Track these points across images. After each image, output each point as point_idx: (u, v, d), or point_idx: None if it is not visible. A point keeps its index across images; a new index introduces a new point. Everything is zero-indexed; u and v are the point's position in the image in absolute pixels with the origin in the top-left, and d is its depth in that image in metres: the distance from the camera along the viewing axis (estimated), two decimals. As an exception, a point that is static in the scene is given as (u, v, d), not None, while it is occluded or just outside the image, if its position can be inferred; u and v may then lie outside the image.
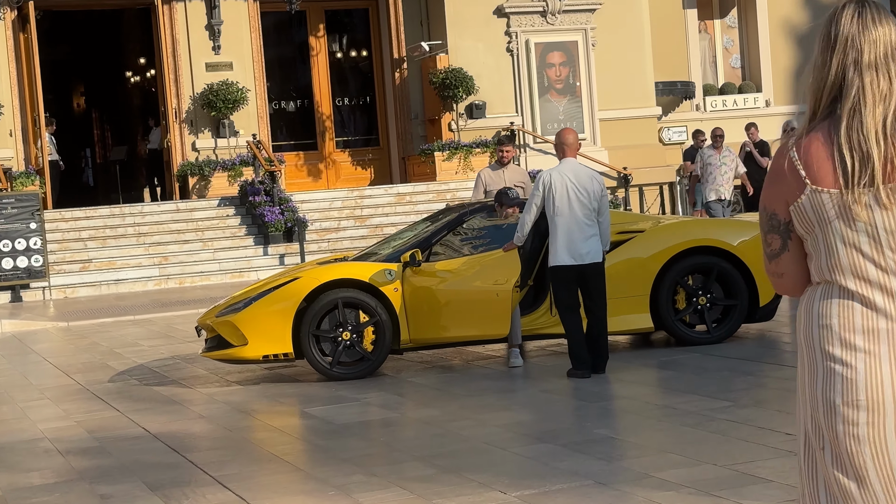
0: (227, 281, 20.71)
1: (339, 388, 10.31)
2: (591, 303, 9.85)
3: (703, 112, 28.72)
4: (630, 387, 9.38)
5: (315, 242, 22.28)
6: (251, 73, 25.06)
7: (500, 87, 25.71)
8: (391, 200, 24.06)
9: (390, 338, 10.68)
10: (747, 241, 11.03)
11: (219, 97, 24.16)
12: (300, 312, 10.66)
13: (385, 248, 11.69)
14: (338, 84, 27.10)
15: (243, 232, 22.58)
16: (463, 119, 25.53)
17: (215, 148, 24.65)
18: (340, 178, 26.60)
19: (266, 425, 9.07)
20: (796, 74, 29.39)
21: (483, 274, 10.63)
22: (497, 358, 11.40)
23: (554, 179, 9.78)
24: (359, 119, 27.64)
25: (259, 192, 22.69)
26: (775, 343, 10.99)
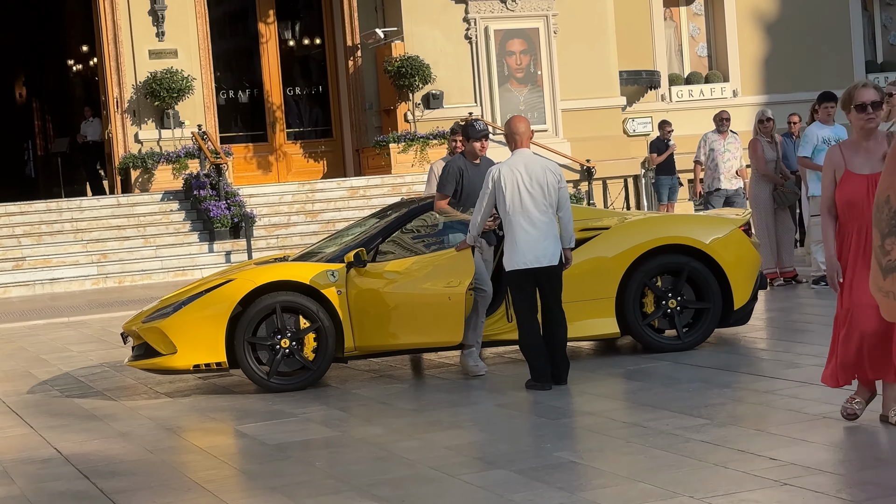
0: (169, 280, 19.87)
1: (277, 401, 9.51)
2: (548, 309, 9.10)
3: (669, 102, 28.08)
4: (594, 401, 8.63)
5: (263, 239, 21.47)
6: (197, 61, 24.20)
7: (459, 75, 24.97)
8: (344, 194, 23.28)
9: (333, 345, 9.90)
10: (721, 239, 10.31)
11: (163, 86, 23.31)
12: (234, 318, 9.86)
13: (329, 247, 10.90)
14: (289, 73, 26.26)
15: (188, 228, 21.74)
16: (419, 109, 24.78)
17: (159, 139, 23.79)
18: (292, 172, 25.77)
19: (192, 446, 8.26)
20: (765, 63, 28.77)
21: (434, 275, 9.86)
22: (449, 366, 10.63)
23: (503, 174, 9.01)
24: (311, 109, 26.82)
25: (204, 186, 21.85)
26: (751, 351, 10.27)
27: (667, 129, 22.74)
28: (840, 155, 6.76)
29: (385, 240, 10.29)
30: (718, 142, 15.84)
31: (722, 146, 15.71)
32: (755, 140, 14.05)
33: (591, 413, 8.16)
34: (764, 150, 13.89)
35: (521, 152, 9.13)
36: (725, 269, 10.21)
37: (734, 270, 10.25)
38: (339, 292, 9.89)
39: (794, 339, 10.62)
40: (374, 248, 10.20)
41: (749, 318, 10.59)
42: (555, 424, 7.89)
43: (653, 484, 6.15)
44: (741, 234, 10.44)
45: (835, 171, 6.75)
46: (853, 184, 6.59)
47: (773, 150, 13.98)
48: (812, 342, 10.23)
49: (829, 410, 7.46)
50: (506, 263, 9.03)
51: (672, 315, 10.18)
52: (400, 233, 10.60)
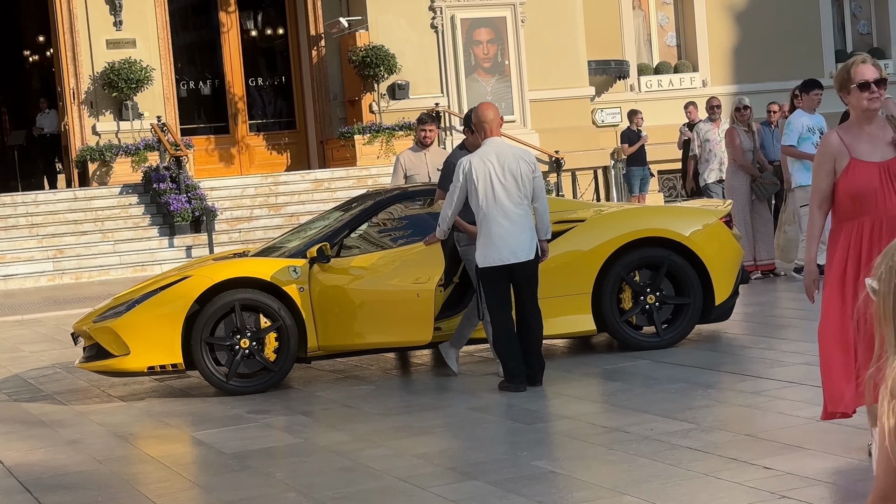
0: (128, 275, 19.30)
1: (237, 404, 9.02)
2: (523, 305, 8.64)
3: (638, 93, 27.65)
4: (571, 403, 8.17)
5: (225, 233, 20.93)
6: (156, 51, 23.61)
7: (425, 65, 24.47)
8: (308, 187, 22.76)
9: (296, 345, 9.42)
10: (701, 231, 9.88)
11: (121, 77, 22.69)
12: (191, 317, 9.37)
13: (291, 242, 10.41)
14: (251, 63, 25.68)
15: (147, 222, 21.16)
16: (385, 100, 24.27)
17: (118, 131, 23.18)
18: (254, 164, 25.21)
19: (144, 455, 7.75)
20: (734, 53, 28.42)
21: (402, 271, 9.39)
22: (419, 366, 10.16)
23: (474, 165, 8.54)
24: (274, 101, 26.26)
25: (164, 179, 21.27)
26: (733, 348, 9.85)
27: (637, 119, 22.33)
28: (840, 142, 5.95)
29: (349, 234, 9.83)
30: (713, 131, 15.26)
31: (717, 135, 15.14)
32: (732, 129, 13.62)
33: (569, 417, 7.70)
34: (741, 139, 13.46)
35: (491, 141, 8.67)
36: (706, 263, 9.79)
37: (715, 264, 9.83)
38: (301, 289, 9.42)
39: (776, 335, 10.20)
40: (339, 243, 9.73)
41: (731, 313, 10.18)
42: (531, 430, 7.44)
43: (639, 496, 5.71)
44: (722, 225, 10.02)
45: (835, 160, 5.90)
46: (863, 173, 5.89)
47: (750, 140, 13.56)
48: (795, 338, 9.82)
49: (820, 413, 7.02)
50: (479, 259, 8.56)
51: (651, 311, 9.76)
52: (366, 226, 10.14)
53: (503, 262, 8.45)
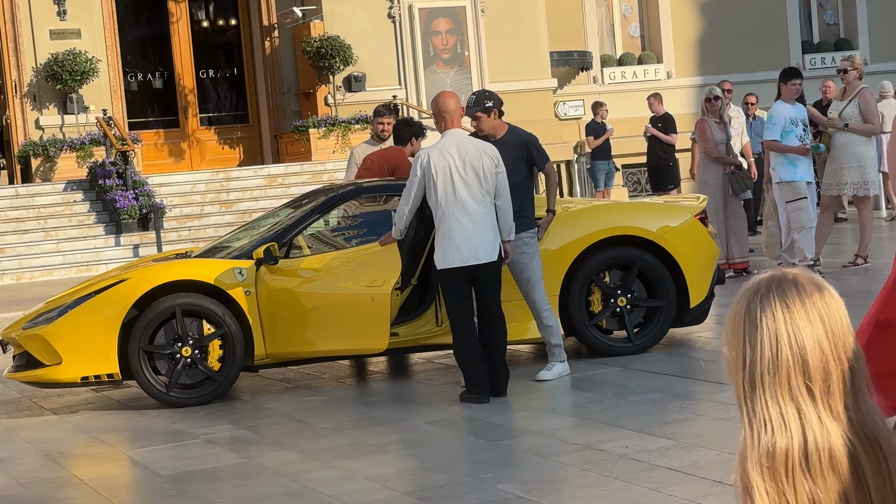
0: (72, 276, 18.58)
1: (178, 418, 8.43)
2: (485, 310, 8.09)
3: (601, 84, 27.13)
4: (539, 417, 7.62)
5: (174, 231, 20.26)
6: (102, 41, 22.88)
7: (382, 56, 23.87)
8: (261, 183, 22.11)
9: (241, 353, 8.83)
10: (675, 229, 9.37)
11: (65, 68, 21.95)
12: (128, 323, 8.77)
13: (238, 241, 9.82)
14: (202, 55, 24.96)
15: (92, 220, 20.46)
16: (340, 92, 23.67)
17: (62, 125, 22.46)
18: (206, 159, 24.52)
19: (72, 478, 7.14)
20: (699, 44, 27.99)
21: (356, 273, 8.81)
22: (375, 374, 9.59)
23: (433, 159, 7.97)
24: (226, 93, 25.58)
25: (110, 175, 20.56)
26: (709, 354, 9.30)
27: (602, 111, 21.82)
28: None
29: (299, 233, 9.24)
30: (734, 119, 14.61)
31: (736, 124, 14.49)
32: (703, 120, 13.08)
33: (537, 433, 7.15)
34: (713, 131, 12.93)
35: (452, 133, 8.11)
36: (680, 263, 9.27)
37: (690, 264, 9.31)
38: (247, 293, 8.83)
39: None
40: (288, 243, 9.14)
41: (706, 316, 9.68)
42: (495, 448, 6.88)
43: (618, 527, 5.17)
44: (697, 223, 9.50)
45: None
46: None
47: (721, 132, 13.03)
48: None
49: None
50: (438, 261, 8.00)
51: (622, 314, 9.24)
52: (318, 225, 9.57)
53: (464, 264, 7.90)
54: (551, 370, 8.67)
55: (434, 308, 9.05)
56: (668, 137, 19.71)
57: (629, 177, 26.46)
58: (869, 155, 12.91)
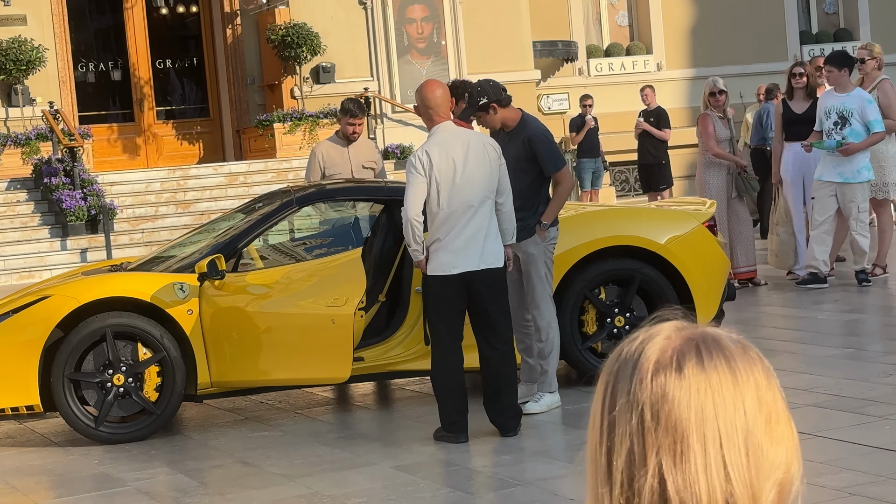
0: (13, 283, 17.59)
1: (108, 458, 7.52)
2: (491, 329, 7.16)
3: (587, 77, 26.31)
4: (528, 462, 6.71)
5: (126, 233, 19.30)
6: (50, 28, 21.89)
7: (352, 46, 22.98)
8: (221, 181, 21.17)
9: (182, 381, 7.92)
10: (681, 238, 8.49)
11: (9, 58, 20.94)
12: (51, 347, 7.84)
13: (182, 250, 8.90)
14: (159, 44, 23.97)
15: (37, 221, 19.48)
16: (308, 84, 22.76)
17: (6, 119, 21.44)
18: (163, 156, 23.55)
19: (-29, 537, 6.21)
20: (692, 34, 27.17)
21: (314, 290, 7.90)
22: (337, 404, 8.67)
23: (435, 159, 7.04)
24: (185, 85, 24.61)
25: (57, 173, 19.59)
26: (721, 380, 8.44)
27: (586, 104, 20.97)
28: None
29: (249, 242, 8.33)
30: None
31: None
32: (705, 115, 12.16)
33: (524, 482, 6.24)
34: (715, 126, 12.02)
35: (444, 128, 7.18)
36: (686, 277, 8.40)
37: (697, 278, 8.43)
38: (189, 312, 7.90)
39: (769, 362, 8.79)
40: (236, 254, 8.21)
41: (715, 337, 8.78)
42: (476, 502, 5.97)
43: None
44: (706, 231, 8.62)
45: None
46: None
47: (726, 128, 12.13)
48: (793, 369, 8.44)
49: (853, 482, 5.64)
50: (429, 266, 7.05)
51: (619, 335, 8.34)
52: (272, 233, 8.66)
53: (461, 270, 6.98)
54: (540, 401, 7.78)
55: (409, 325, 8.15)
56: (660, 133, 18.90)
57: (617, 175, 25.65)
58: (889, 154, 12.06)
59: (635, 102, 20.45)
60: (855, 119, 11.49)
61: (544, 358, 7.80)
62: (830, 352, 8.88)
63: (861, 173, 11.54)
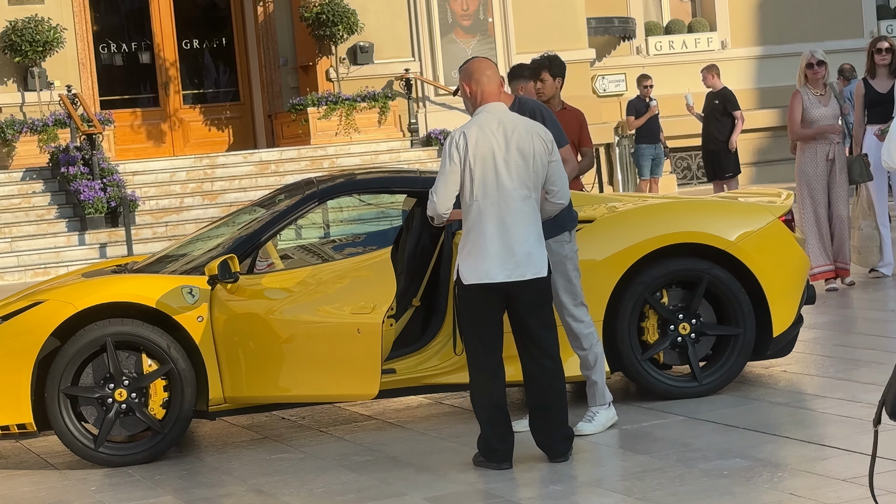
0: (27, 280, 17.30)
1: (107, 484, 7.08)
2: (534, 343, 6.61)
3: (646, 56, 25.84)
4: (580, 495, 6.16)
5: (149, 227, 18.97)
6: (69, 7, 21.64)
7: (392, 24, 22.57)
8: (251, 170, 20.83)
9: (192, 397, 7.44)
10: (754, 235, 7.91)
11: (25, 38, 20.69)
12: (45, 358, 7.39)
13: (195, 248, 8.42)
14: (186, 23, 23.60)
15: (53, 214, 19.20)
16: (344, 65, 22.39)
17: (22, 104, 21.18)
18: (190, 143, 23.20)
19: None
20: (759, 9, 26.52)
21: (339, 295, 7.37)
22: (367, 421, 8.15)
23: (472, 142, 6.50)
24: (213, 67, 24.23)
25: (75, 162, 19.26)
26: (798, 398, 7.83)
27: (646, 85, 20.35)
28: None
29: (267, 240, 7.82)
30: None
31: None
32: (795, 93, 11.32)
33: (577, 520, 5.70)
34: (807, 104, 11.17)
35: (491, 108, 6.62)
36: (760, 279, 7.82)
37: (773, 280, 7.85)
38: (199, 319, 7.41)
39: (855, 376, 8.20)
40: (252, 254, 7.71)
41: (793, 346, 8.23)
42: (520, 545, 5.43)
43: None
44: (782, 226, 8.03)
45: None
46: None
47: (823, 105, 11.21)
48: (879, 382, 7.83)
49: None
50: (465, 274, 6.51)
51: (684, 345, 7.80)
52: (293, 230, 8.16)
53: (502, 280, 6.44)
54: (593, 420, 7.23)
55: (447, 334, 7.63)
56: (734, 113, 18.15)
57: (679, 162, 25.12)
58: None
59: (698, 84, 19.83)
60: None
61: (589, 369, 7.27)
62: (924, 362, 8.27)
63: None
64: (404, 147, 21.71)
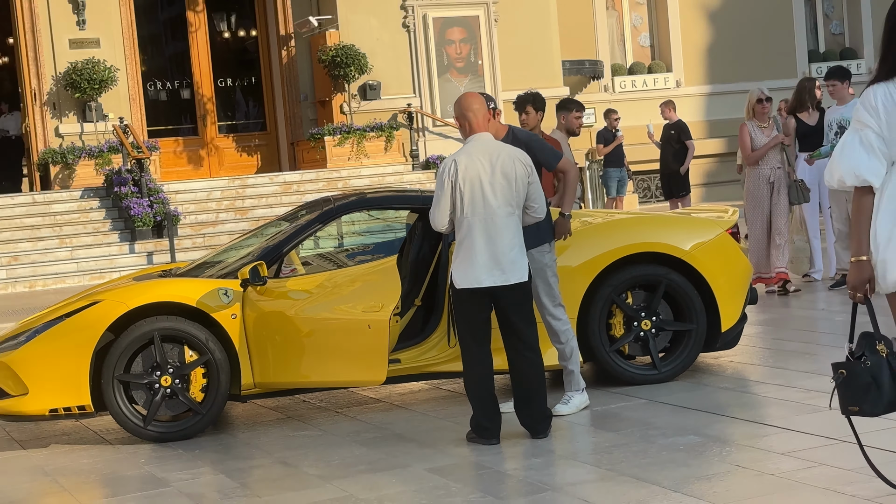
0: (85, 283, 17.20)
1: (154, 457, 7.02)
2: (516, 337, 6.61)
3: (612, 93, 25.72)
4: (558, 466, 6.14)
5: (189, 238, 18.85)
6: (121, 50, 21.50)
7: (396, 65, 22.46)
8: (276, 190, 20.70)
9: (226, 382, 7.40)
10: (705, 245, 7.89)
11: (84, 77, 20.58)
12: (102, 350, 7.35)
13: (229, 256, 8.38)
14: (221, 64, 23.54)
15: (108, 227, 19.07)
16: (356, 100, 22.26)
17: (81, 133, 21.07)
18: (224, 166, 23.12)
19: (14, 539, 5.70)
20: (708, 53, 26.47)
21: (353, 296, 7.34)
22: (376, 403, 8.13)
23: (461, 167, 6.50)
24: (244, 101, 24.16)
25: (126, 183, 19.19)
26: (743, 384, 7.82)
27: (613, 118, 20.33)
28: None
29: (291, 249, 7.79)
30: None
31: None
32: (743, 125, 11.17)
33: (555, 488, 5.67)
34: (755, 136, 11.07)
35: (479, 138, 6.62)
36: (711, 283, 7.80)
37: (722, 284, 7.83)
38: (233, 316, 7.38)
39: (791, 365, 8.17)
40: (278, 261, 7.69)
41: (738, 340, 8.20)
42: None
43: None
44: (728, 238, 8.02)
45: None
46: None
47: (767, 136, 11.13)
48: (815, 370, 7.83)
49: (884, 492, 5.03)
50: (457, 279, 6.51)
51: (646, 339, 7.77)
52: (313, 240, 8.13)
53: (488, 284, 6.44)
54: (569, 403, 7.21)
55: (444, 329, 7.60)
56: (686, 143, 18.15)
57: (639, 183, 25.03)
58: None
59: (657, 116, 19.81)
60: None
61: (566, 359, 7.25)
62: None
63: None
64: (407, 170, 21.65)
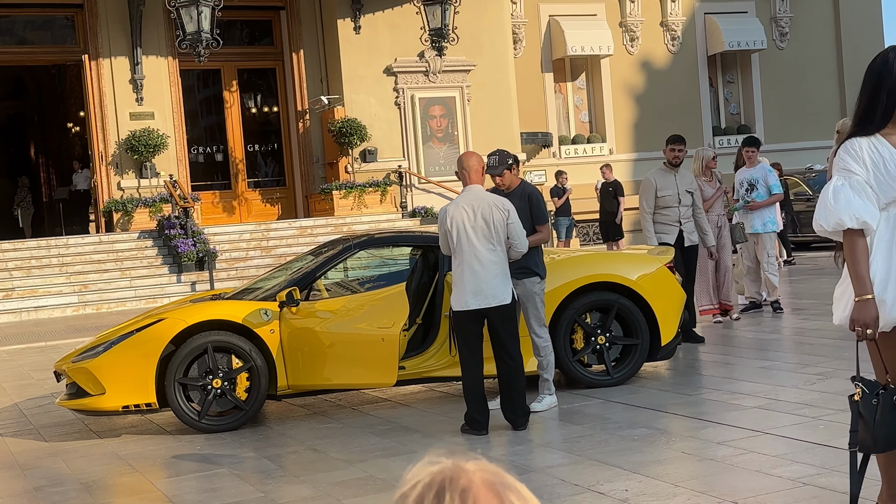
0: (142, 306, 16.99)
1: (208, 445, 6.87)
2: (502, 349, 6.52)
3: (559, 158, 25.75)
4: (536, 452, 6.05)
5: (224, 271, 18.67)
6: (171, 121, 21.38)
7: (390, 135, 22.43)
8: (294, 233, 20.56)
9: (266, 385, 7.27)
10: (648, 276, 7.84)
11: (141, 142, 20.45)
12: (165, 358, 7.20)
13: (266, 284, 8.26)
14: (249, 132, 23.45)
15: (159, 262, 18.86)
16: (357, 162, 22.20)
17: (138, 187, 20.90)
18: (252, 214, 22.96)
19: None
20: (634, 127, 26.59)
21: (369, 315, 7.25)
22: (385, 402, 8.01)
23: (451, 213, 6.46)
24: (268, 163, 24.02)
25: (175, 226, 19.01)
26: (680, 386, 7.76)
27: (563, 178, 20.38)
28: None
29: (318, 278, 7.68)
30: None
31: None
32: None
33: (535, 470, 5.58)
34: (703, 189, 10.84)
35: (470, 189, 6.57)
36: (652, 306, 7.75)
37: (661, 306, 7.78)
38: (271, 331, 7.26)
39: (718, 372, 8.12)
40: (308, 286, 7.58)
41: (674, 352, 8.14)
42: (499, 486, 5.29)
43: None
44: (666, 271, 7.98)
45: None
46: None
47: (712, 189, 10.66)
48: (740, 377, 7.78)
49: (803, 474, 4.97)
50: (453, 303, 6.45)
51: (601, 351, 7.70)
52: (335, 271, 8.01)
53: (476, 307, 6.37)
54: (542, 402, 7.12)
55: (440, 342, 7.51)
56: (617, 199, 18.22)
57: (581, 229, 25.03)
58: None
59: (595, 176, 19.83)
60: (760, 185, 11.03)
61: (543, 369, 7.16)
62: (762, 363, 8.22)
63: (768, 226, 11.01)
64: (398, 218, 21.57)
